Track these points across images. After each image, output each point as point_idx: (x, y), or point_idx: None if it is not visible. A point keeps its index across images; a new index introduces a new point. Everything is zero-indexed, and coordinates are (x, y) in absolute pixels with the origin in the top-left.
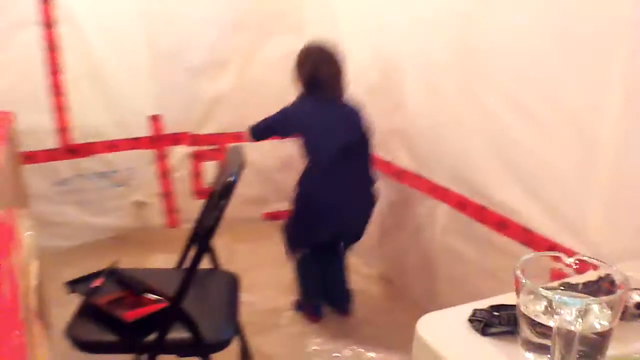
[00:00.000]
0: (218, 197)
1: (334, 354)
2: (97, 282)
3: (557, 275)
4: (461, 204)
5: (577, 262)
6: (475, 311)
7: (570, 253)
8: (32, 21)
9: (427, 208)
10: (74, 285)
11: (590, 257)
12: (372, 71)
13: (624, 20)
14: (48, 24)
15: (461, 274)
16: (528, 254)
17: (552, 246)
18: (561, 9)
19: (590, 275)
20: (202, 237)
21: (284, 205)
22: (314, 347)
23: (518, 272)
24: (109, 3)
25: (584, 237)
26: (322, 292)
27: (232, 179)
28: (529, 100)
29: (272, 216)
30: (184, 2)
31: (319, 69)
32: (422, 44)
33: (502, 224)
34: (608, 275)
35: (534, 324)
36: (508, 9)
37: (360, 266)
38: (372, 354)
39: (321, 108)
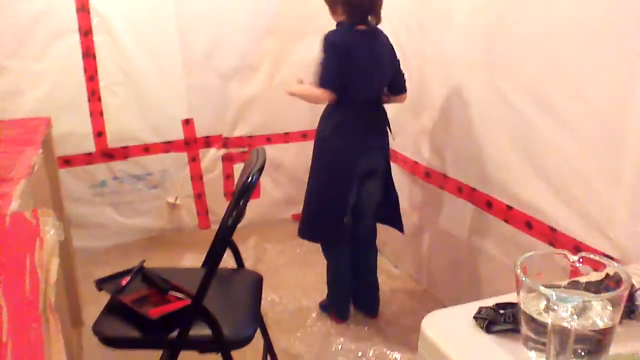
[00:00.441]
0: (237, 198)
1: (358, 354)
2: (124, 281)
3: (575, 273)
4: (487, 204)
5: (580, 260)
6: (480, 309)
7: (596, 253)
8: (70, 29)
9: (454, 208)
10: (102, 283)
11: (595, 255)
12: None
13: None
14: (85, 32)
15: (487, 273)
16: (529, 252)
17: (577, 246)
18: (588, 6)
19: (599, 274)
20: (220, 236)
21: None
22: (338, 347)
23: (518, 270)
24: (143, 10)
25: (610, 237)
26: (352, 295)
27: (250, 179)
28: (555, 99)
29: None
30: (216, 7)
31: None
32: (448, 43)
33: (528, 224)
34: (616, 273)
35: (534, 322)
36: (535, 6)
37: (387, 266)
38: (397, 355)
39: (362, 44)
